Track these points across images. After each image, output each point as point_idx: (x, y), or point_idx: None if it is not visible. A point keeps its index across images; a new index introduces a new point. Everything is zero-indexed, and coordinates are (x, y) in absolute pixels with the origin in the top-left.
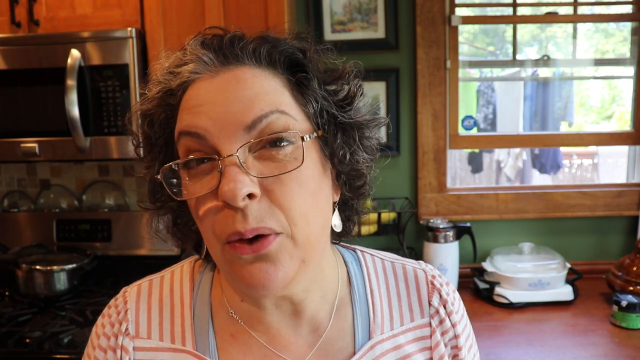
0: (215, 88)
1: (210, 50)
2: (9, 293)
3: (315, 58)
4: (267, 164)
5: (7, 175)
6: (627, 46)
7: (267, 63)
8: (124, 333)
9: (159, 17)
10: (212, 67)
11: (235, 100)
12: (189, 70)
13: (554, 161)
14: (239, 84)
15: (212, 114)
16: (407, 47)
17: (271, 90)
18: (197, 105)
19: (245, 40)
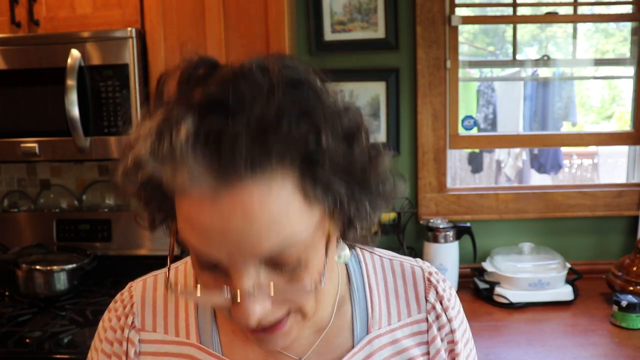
0: (219, 216)
1: (206, 161)
2: (9, 293)
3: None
4: (279, 280)
5: (7, 175)
6: (627, 46)
7: (276, 162)
8: (130, 326)
9: (159, 17)
10: (209, 184)
11: (243, 233)
12: (182, 181)
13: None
14: (245, 215)
15: (221, 246)
16: (407, 47)
17: (282, 216)
18: (202, 232)
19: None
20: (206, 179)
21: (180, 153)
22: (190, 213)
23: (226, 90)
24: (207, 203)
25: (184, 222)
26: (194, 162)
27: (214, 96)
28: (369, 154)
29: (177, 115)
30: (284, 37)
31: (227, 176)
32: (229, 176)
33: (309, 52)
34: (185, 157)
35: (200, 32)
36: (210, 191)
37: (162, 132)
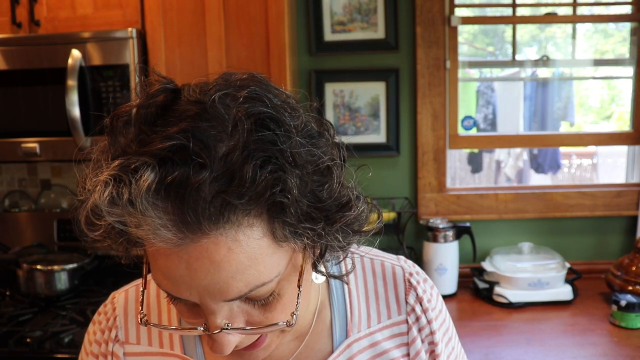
0: (186, 265)
1: (169, 214)
2: (9, 293)
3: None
4: (252, 311)
5: (7, 175)
6: (626, 46)
7: (235, 214)
8: (114, 340)
9: (159, 18)
10: (174, 239)
11: (212, 281)
12: (145, 233)
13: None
14: (212, 265)
15: (191, 288)
16: (406, 48)
17: (249, 261)
18: (172, 279)
19: (212, 198)
20: (170, 232)
21: (141, 206)
22: (158, 260)
23: (187, 134)
24: (173, 253)
25: (154, 267)
26: (156, 215)
27: (174, 143)
28: (339, 192)
29: (135, 163)
30: (284, 37)
31: (191, 229)
32: (193, 229)
33: (309, 52)
34: (146, 211)
35: (200, 32)
36: (175, 242)
37: (120, 182)
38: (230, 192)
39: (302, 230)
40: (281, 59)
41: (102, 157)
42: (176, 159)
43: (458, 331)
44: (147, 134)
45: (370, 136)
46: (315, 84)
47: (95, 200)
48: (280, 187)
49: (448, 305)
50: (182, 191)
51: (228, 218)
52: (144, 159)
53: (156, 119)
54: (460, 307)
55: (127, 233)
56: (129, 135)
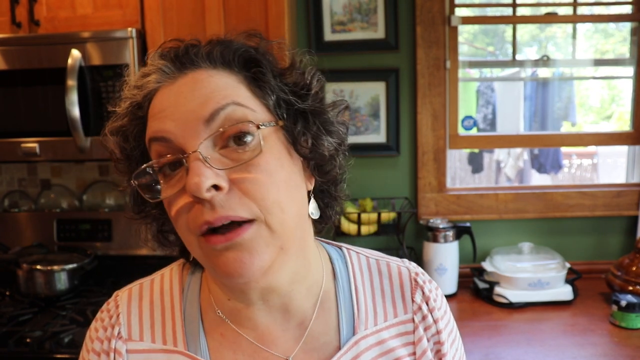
0: (175, 92)
1: (168, 60)
2: (9, 293)
3: (268, 52)
4: (233, 158)
5: (7, 175)
6: (627, 46)
7: (222, 63)
8: (117, 336)
9: (159, 17)
10: (170, 74)
11: (192, 99)
12: (151, 80)
13: (555, 161)
14: (196, 84)
15: (174, 116)
16: (407, 48)
17: (227, 86)
18: (161, 111)
19: (199, 46)
20: (167, 70)
21: (150, 63)
22: (155, 105)
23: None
24: (168, 89)
25: (150, 122)
26: (159, 63)
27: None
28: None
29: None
30: (284, 37)
31: (184, 67)
32: (185, 66)
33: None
34: (154, 63)
35: (200, 32)
36: (170, 80)
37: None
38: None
39: (275, 91)
40: None
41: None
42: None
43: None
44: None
45: (370, 136)
46: None
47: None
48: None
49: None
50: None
51: (213, 61)
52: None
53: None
54: (461, 307)
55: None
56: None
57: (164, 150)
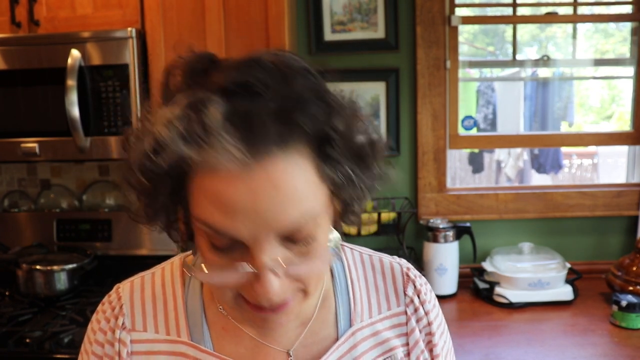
0: (249, 189)
1: (238, 137)
2: (9, 293)
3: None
4: (294, 251)
5: (7, 175)
6: (627, 46)
7: (293, 140)
8: (121, 327)
9: (159, 17)
10: (242, 161)
11: (271, 206)
12: (214, 157)
13: (555, 161)
14: (274, 190)
15: (247, 219)
16: (407, 48)
17: (303, 190)
18: (229, 208)
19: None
20: (238, 155)
21: (213, 132)
22: (219, 190)
23: (246, 74)
24: (237, 178)
25: (207, 202)
26: (227, 139)
27: (237, 79)
28: (370, 138)
29: (203, 98)
30: (284, 37)
31: (258, 151)
32: (259, 151)
33: (309, 52)
34: (218, 135)
35: (200, 32)
36: (241, 166)
37: (190, 115)
38: (291, 118)
39: (340, 167)
40: None
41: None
42: (241, 92)
43: (458, 331)
44: (203, 78)
45: None
46: None
47: (159, 135)
48: (329, 119)
49: (448, 305)
50: (250, 117)
51: (287, 141)
52: (210, 94)
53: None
54: (461, 307)
55: (179, 172)
56: (178, 85)
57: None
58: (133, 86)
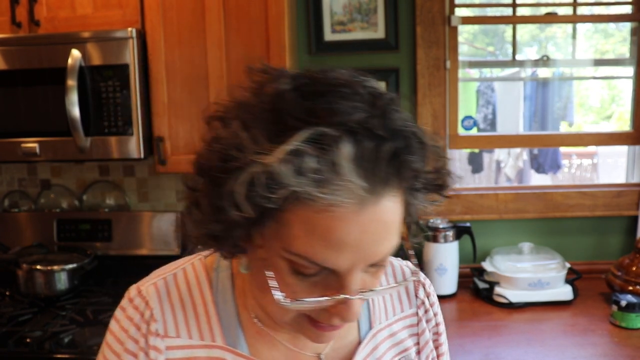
0: (358, 228)
1: (361, 177)
2: (9, 293)
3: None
4: (369, 272)
5: (7, 175)
6: (627, 46)
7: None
8: (154, 334)
9: (159, 17)
10: (361, 197)
11: (373, 244)
12: (335, 195)
13: (554, 161)
14: (380, 227)
15: (350, 257)
16: (407, 48)
17: (398, 224)
18: (337, 243)
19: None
20: (359, 194)
21: (340, 171)
22: (329, 226)
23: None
24: (351, 215)
25: (311, 236)
26: (353, 178)
27: (358, 119)
28: (445, 173)
29: (329, 136)
30: (284, 37)
31: (374, 191)
32: (375, 191)
33: (309, 52)
34: (345, 175)
35: (200, 32)
36: (357, 205)
37: (314, 152)
38: (403, 162)
39: (419, 202)
40: (281, 59)
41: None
42: (361, 132)
43: (458, 331)
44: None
45: None
46: None
47: (280, 166)
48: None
49: (448, 305)
50: (371, 159)
51: (398, 183)
52: (334, 131)
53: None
54: (461, 307)
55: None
56: (289, 103)
57: (312, 267)
58: (133, 86)
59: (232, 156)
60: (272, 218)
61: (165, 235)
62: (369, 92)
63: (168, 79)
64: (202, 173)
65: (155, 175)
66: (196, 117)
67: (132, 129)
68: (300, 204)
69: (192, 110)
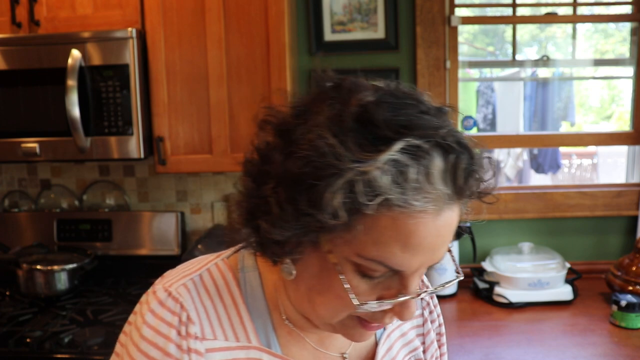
0: (435, 232)
1: (448, 187)
2: (9, 293)
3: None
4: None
5: (7, 175)
6: (627, 46)
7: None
8: (193, 336)
9: (159, 17)
10: (441, 203)
11: (441, 248)
12: (425, 202)
13: (554, 161)
14: (448, 229)
15: (421, 260)
16: (407, 48)
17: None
18: (415, 246)
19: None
20: (445, 202)
21: (433, 181)
22: (411, 231)
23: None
24: (431, 221)
25: (390, 240)
26: (442, 188)
27: (444, 132)
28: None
29: (424, 149)
30: (284, 37)
31: (452, 200)
32: (453, 200)
33: (309, 52)
34: (437, 184)
35: (201, 32)
36: (437, 211)
37: (411, 163)
38: (473, 171)
39: (467, 203)
40: (281, 59)
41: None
42: (444, 143)
43: (458, 331)
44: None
45: None
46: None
47: (378, 175)
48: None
49: (448, 305)
50: (455, 172)
51: (468, 191)
52: (427, 144)
53: (397, 107)
54: (461, 307)
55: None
56: (378, 115)
57: (380, 269)
58: (133, 86)
59: (326, 163)
60: (356, 224)
61: (165, 235)
62: (434, 107)
63: (168, 79)
64: (275, 178)
65: (155, 175)
66: (196, 117)
67: (132, 129)
68: (387, 210)
69: (192, 110)
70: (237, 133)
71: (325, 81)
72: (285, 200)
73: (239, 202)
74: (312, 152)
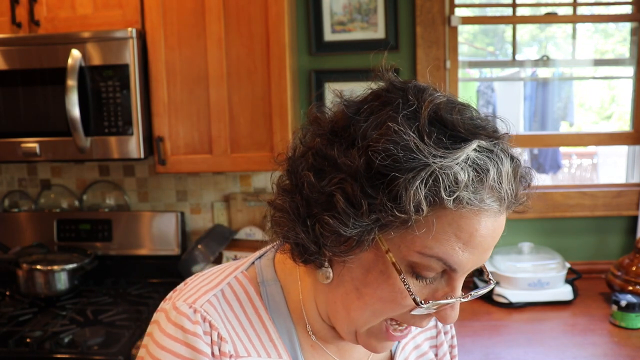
0: (493, 233)
1: (513, 187)
2: (9, 293)
3: None
4: None
5: (7, 175)
6: (627, 46)
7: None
8: (227, 355)
9: (159, 17)
10: (504, 205)
11: (492, 248)
12: (496, 200)
13: (554, 161)
14: (500, 231)
15: (476, 259)
16: (407, 48)
17: None
18: (476, 244)
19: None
20: (511, 201)
21: (504, 180)
22: (475, 229)
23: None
24: (491, 222)
25: (454, 237)
26: (511, 187)
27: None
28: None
29: (495, 152)
30: (284, 37)
31: (512, 202)
32: (512, 202)
33: (309, 52)
34: (503, 184)
35: (201, 32)
36: (499, 211)
37: (489, 162)
38: (523, 176)
39: None
40: (281, 59)
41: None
42: (505, 146)
43: (458, 331)
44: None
45: None
46: (315, 84)
47: (454, 174)
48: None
49: None
50: (516, 175)
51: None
52: (503, 154)
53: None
54: (460, 307)
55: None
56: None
57: (435, 269)
58: (133, 86)
59: (409, 156)
60: (426, 220)
61: (165, 235)
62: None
63: (168, 79)
64: (342, 172)
65: (155, 175)
66: (196, 117)
67: (132, 129)
68: (456, 207)
69: (192, 110)
70: (237, 133)
71: (387, 81)
72: (357, 195)
73: (283, 200)
74: (391, 145)
